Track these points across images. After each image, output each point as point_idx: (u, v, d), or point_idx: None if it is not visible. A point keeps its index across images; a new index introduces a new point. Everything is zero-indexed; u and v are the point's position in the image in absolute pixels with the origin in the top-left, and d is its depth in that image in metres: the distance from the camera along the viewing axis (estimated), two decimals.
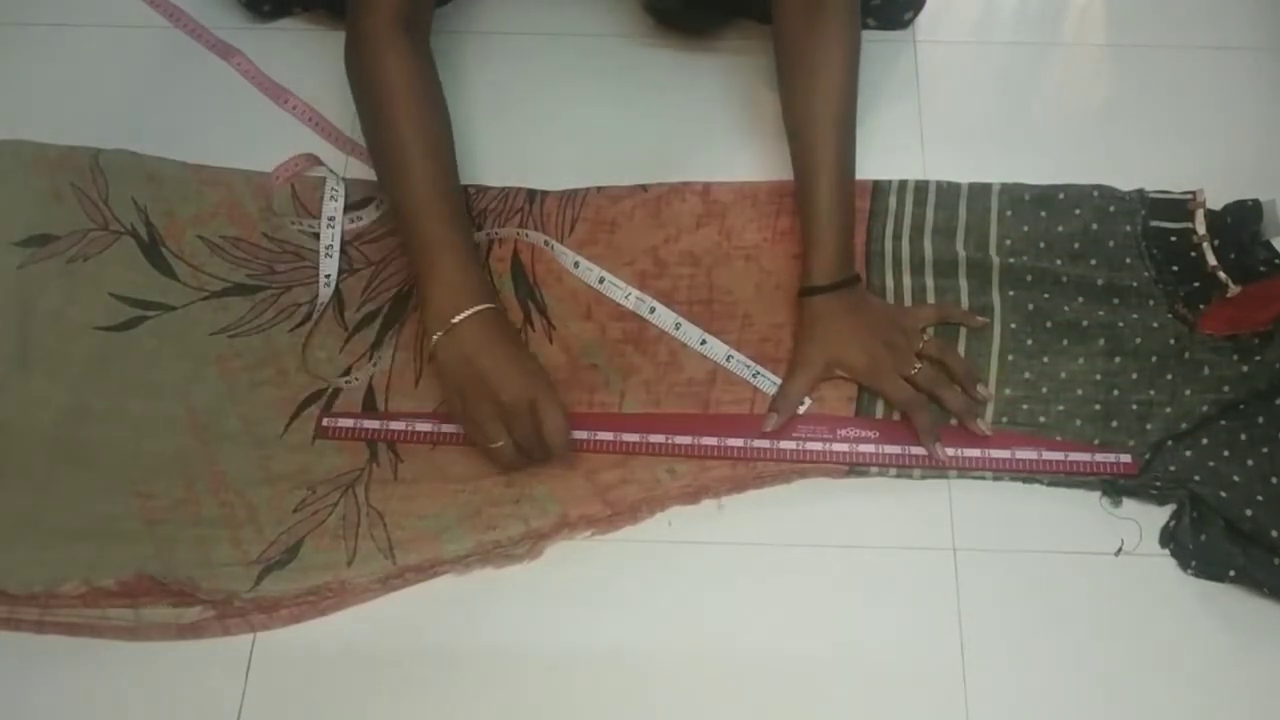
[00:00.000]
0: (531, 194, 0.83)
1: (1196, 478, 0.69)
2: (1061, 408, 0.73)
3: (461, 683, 0.66)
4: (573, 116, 0.87)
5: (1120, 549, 0.69)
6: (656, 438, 0.72)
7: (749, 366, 0.75)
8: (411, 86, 0.72)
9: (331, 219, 0.81)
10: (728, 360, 0.75)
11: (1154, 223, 0.80)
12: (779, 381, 0.74)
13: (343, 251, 0.81)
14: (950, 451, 0.71)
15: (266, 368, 0.76)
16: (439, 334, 0.67)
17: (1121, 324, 0.75)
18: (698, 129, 0.88)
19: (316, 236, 0.81)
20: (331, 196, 0.82)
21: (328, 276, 0.79)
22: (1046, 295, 0.77)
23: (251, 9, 0.93)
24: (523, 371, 0.67)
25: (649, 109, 0.89)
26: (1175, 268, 0.78)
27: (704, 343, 0.76)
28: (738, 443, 0.72)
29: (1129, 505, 0.70)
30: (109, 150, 0.85)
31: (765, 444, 0.72)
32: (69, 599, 0.67)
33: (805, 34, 0.75)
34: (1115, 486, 0.70)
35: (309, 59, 0.92)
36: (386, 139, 0.72)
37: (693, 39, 0.92)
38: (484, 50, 0.93)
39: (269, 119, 0.88)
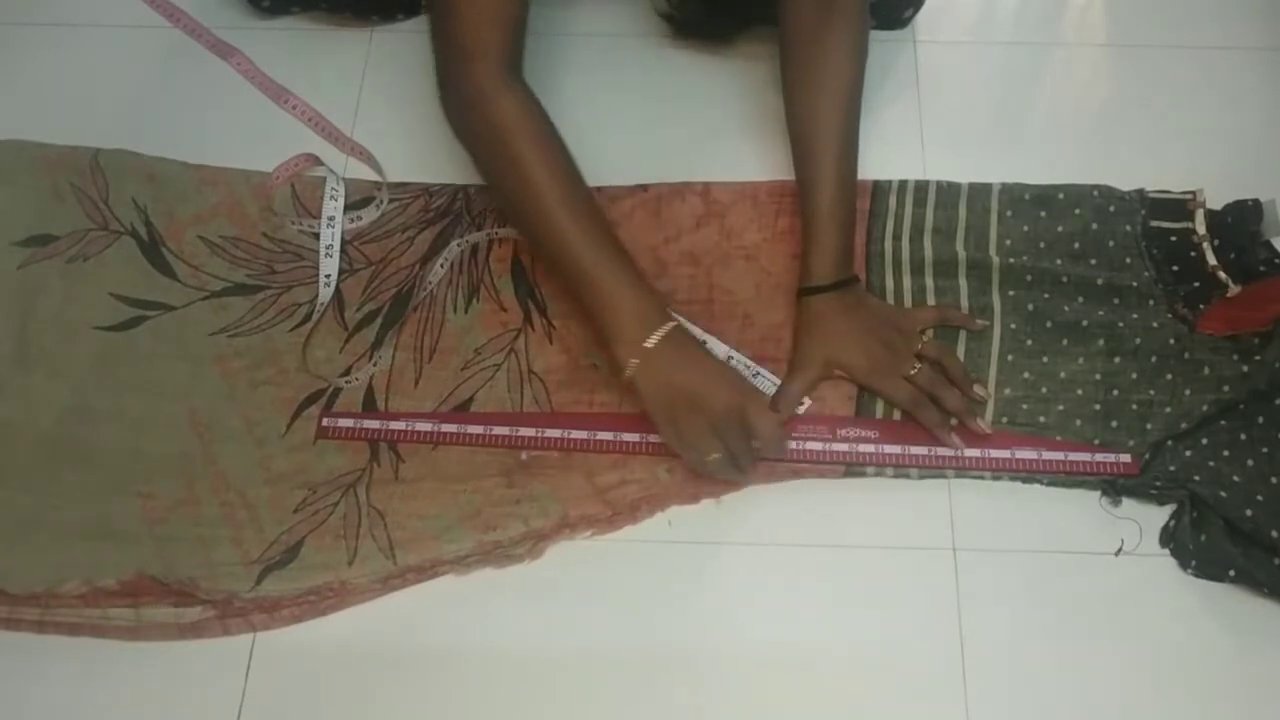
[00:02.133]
0: None
1: (1196, 478, 0.69)
2: (1061, 408, 0.73)
3: (461, 683, 0.66)
4: (573, 116, 0.87)
5: (1120, 549, 0.69)
6: (656, 438, 0.72)
7: (749, 366, 0.75)
8: (537, 130, 0.70)
9: (331, 219, 0.81)
10: (728, 360, 0.75)
11: (1154, 223, 0.80)
12: (779, 381, 0.74)
13: (343, 251, 0.81)
14: (950, 451, 0.71)
15: (267, 367, 0.76)
16: (635, 361, 0.66)
17: (1121, 324, 0.75)
18: (698, 129, 0.88)
19: (316, 236, 0.81)
20: (331, 196, 0.82)
21: (328, 276, 0.79)
22: (1046, 295, 0.77)
23: (251, 5, 0.93)
24: (723, 379, 0.67)
25: (649, 109, 0.89)
26: (1175, 268, 0.78)
27: (704, 343, 0.76)
28: None
29: (1129, 505, 0.70)
30: (109, 150, 0.85)
31: None
32: (70, 599, 0.67)
33: (814, 34, 0.75)
34: (1115, 486, 0.70)
35: (309, 59, 0.92)
36: (524, 190, 0.69)
37: (705, 45, 0.92)
38: None
39: (269, 119, 0.88)
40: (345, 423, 0.74)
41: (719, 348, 0.75)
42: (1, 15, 0.95)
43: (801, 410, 0.73)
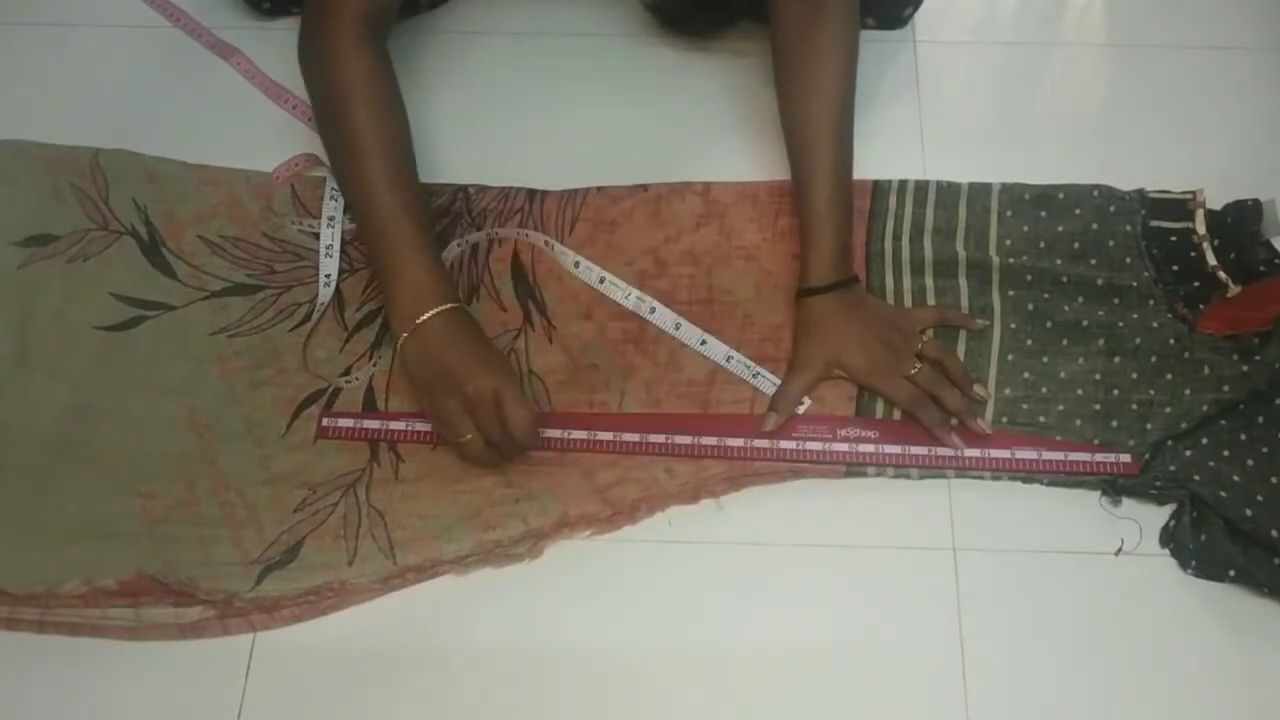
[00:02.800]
0: (531, 194, 0.83)
1: (1196, 477, 0.69)
2: (1061, 408, 0.73)
3: (462, 683, 0.66)
4: (573, 116, 0.87)
5: (1120, 549, 0.69)
6: (656, 438, 0.72)
7: (749, 367, 0.75)
8: (370, 87, 0.72)
9: (331, 219, 0.81)
10: (728, 360, 0.75)
11: (1154, 222, 0.80)
12: (779, 382, 0.74)
13: (343, 251, 0.81)
14: (950, 451, 0.71)
15: (267, 367, 0.76)
16: (405, 335, 0.68)
17: (1121, 324, 0.75)
18: (698, 129, 0.88)
19: (316, 236, 0.81)
20: (332, 196, 0.82)
21: (328, 276, 0.79)
22: (1046, 295, 0.77)
23: (251, 5, 0.93)
24: (483, 362, 0.67)
25: (649, 109, 0.89)
26: (1175, 268, 0.78)
27: (704, 343, 0.76)
28: (738, 443, 0.72)
29: (1129, 505, 0.70)
30: (109, 150, 0.85)
31: (765, 444, 0.72)
32: (70, 599, 0.67)
33: (803, 35, 0.75)
34: (1115, 486, 0.70)
35: None
36: (349, 147, 0.72)
37: (694, 39, 0.92)
38: (484, 50, 0.93)
39: (269, 119, 0.88)
40: (345, 423, 0.74)
41: (718, 348, 0.75)
42: (1, 15, 0.95)
43: (801, 410, 0.73)
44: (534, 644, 0.67)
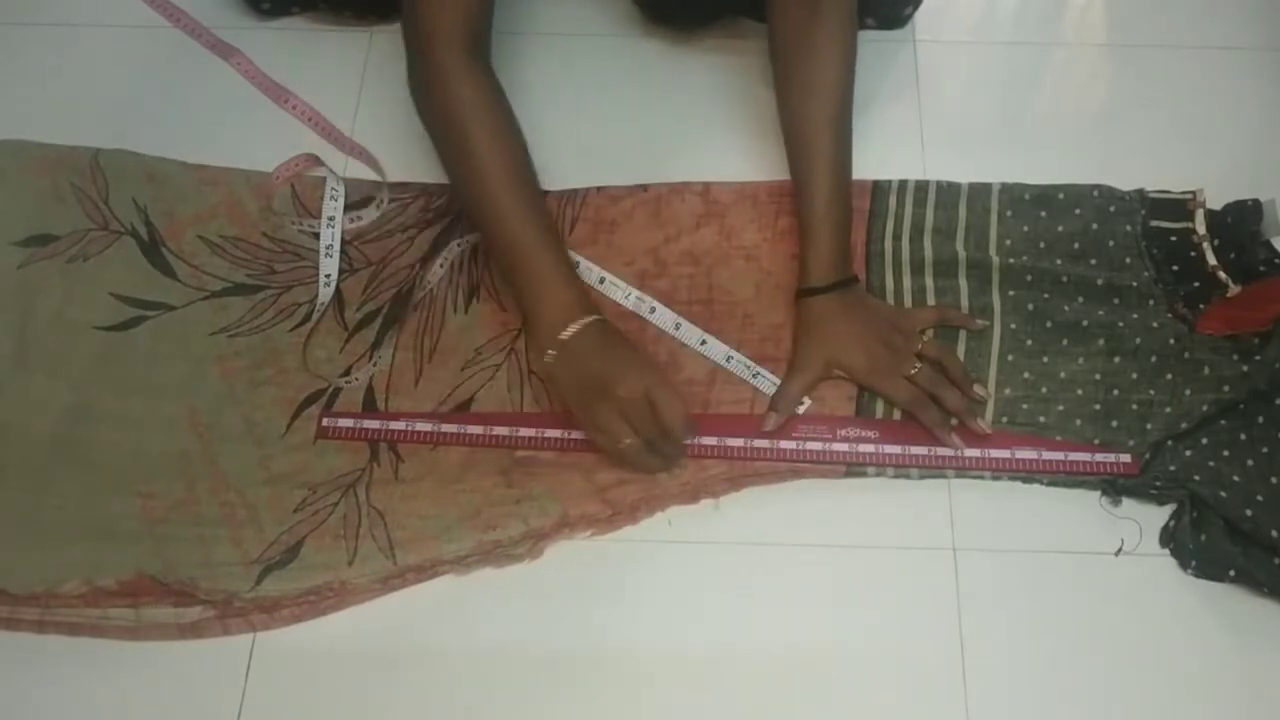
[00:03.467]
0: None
1: (1196, 477, 0.69)
2: (1061, 408, 0.73)
3: (462, 683, 0.66)
4: (572, 116, 0.87)
5: (1120, 549, 0.69)
6: None
7: (749, 367, 0.75)
8: (491, 113, 0.71)
9: (331, 219, 0.81)
10: (728, 361, 0.75)
11: (1154, 223, 0.80)
12: (779, 382, 0.74)
13: (343, 251, 0.81)
14: (951, 451, 0.71)
15: (267, 367, 0.76)
16: (553, 351, 0.68)
17: (1121, 324, 0.75)
18: (698, 129, 0.88)
19: (316, 236, 0.81)
20: (331, 196, 0.82)
21: (328, 276, 0.79)
22: (1046, 295, 0.77)
23: (251, 5, 0.93)
24: (633, 365, 0.67)
25: (649, 109, 0.89)
26: (1175, 268, 0.78)
27: (704, 343, 0.76)
28: (737, 442, 0.72)
29: (1129, 505, 0.70)
30: (109, 150, 0.85)
31: (765, 444, 0.72)
32: (70, 599, 0.67)
33: (801, 34, 0.75)
34: (1115, 486, 0.70)
35: (309, 59, 0.92)
36: (471, 171, 0.71)
37: (688, 36, 0.92)
38: None
39: (269, 119, 0.88)
40: (345, 423, 0.74)
41: (718, 348, 0.75)
42: (1, 15, 0.95)
43: (801, 411, 0.73)
44: (534, 644, 0.67)
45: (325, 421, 0.74)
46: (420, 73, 0.73)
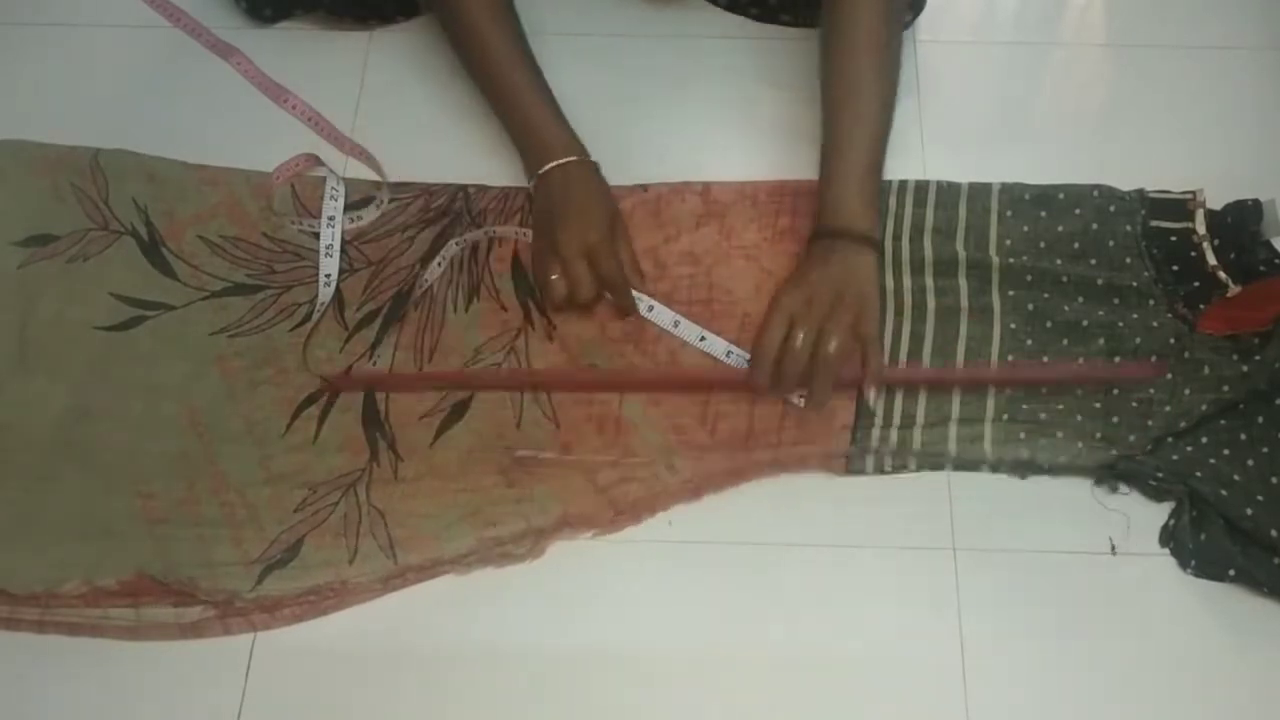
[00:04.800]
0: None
1: (1198, 474, 0.69)
2: (1061, 407, 0.73)
3: (462, 683, 0.66)
4: (572, 116, 0.87)
5: (1113, 547, 0.69)
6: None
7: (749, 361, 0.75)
8: (493, 7, 0.80)
9: (331, 219, 0.81)
10: (727, 356, 0.75)
11: (1154, 223, 0.80)
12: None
13: (343, 251, 0.81)
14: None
15: (267, 367, 0.76)
16: (533, 183, 0.77)
17: (1121, 324, 0.75)
18: (698, 129, 0.88)
19: (316, 236, 0.81)
20: (331, 196, 0.82)
21: (328, 276, 0.79)
22: (1046, 295, 0.77)
23: (253, 14, 0.93)
24: (593, 214, 0.75)
25: (649, 109, 0.89)
26: (1175, 268, 0.78)
27: (703, 339, 0.76)
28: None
29: (1127, 504, 0.70)
30: (109, 150, 0.85)
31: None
32: (70, 599, 0.67)
33: None
34: (1112, 472, 0.70)
35: (309, 59, 0.92)
36: (474, 48, 0.81)
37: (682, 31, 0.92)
38: None
39: (269, 119, 0.88)
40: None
41: (718, 344, 0.75)
42: (1, 15, 0.95)
43: (798, 403, 0.73)
44: (534, 644, 0.67)
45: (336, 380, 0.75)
46: None
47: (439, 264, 0.79)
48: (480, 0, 0.80)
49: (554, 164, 0.76)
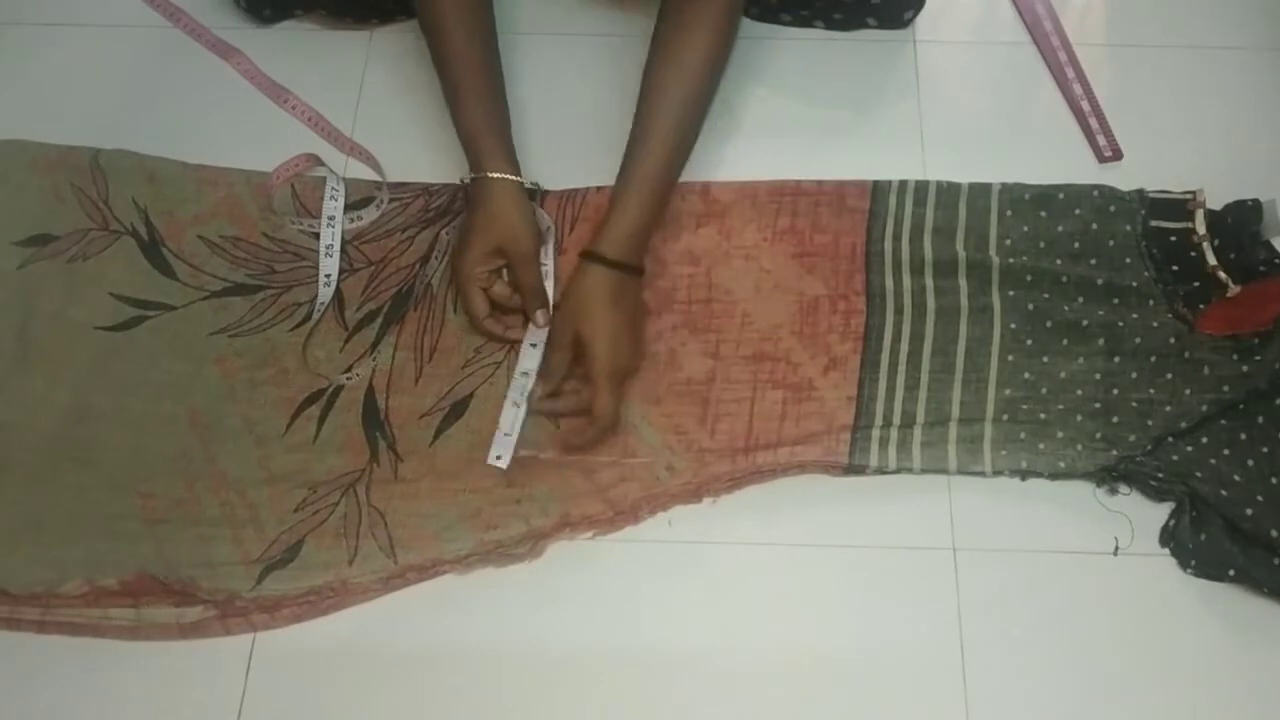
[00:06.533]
0: (532, 193, 0.83)
1: (1198, 474, 0.69)
2: (1061, 407, 0.73)
3: (462, 683, 0.66)
4: (573, 116, 0.87)
5: (1116, 548, 0.69)
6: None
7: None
8: (460, 7, 0.78)
9: (331, 219, 0.81)
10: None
11: (1154, 222, 0.80)
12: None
13: (343, 251, 0.81)
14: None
15: (267, 367, 0.76)
16: (468, 185, 0.77)
17: (1121, 324, 0.75)
18: None
19: (316, 236, 0.81)
20: (331, 196, 0.82)
21: (328, 276, 0.79)
22: (1046, 295, 0.77)
23: (252, 14, 0.93)
24: (465, 246, 0.74)
25: None
26: (1175, 268, 0.78)
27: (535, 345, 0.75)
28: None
29: (1127, 504, 0.70)
30: (109, 150, 0.85)
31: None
32: (70, 599, 0.67)
33: (680, 8, 0.76)
34: (1113, 474, 0.70)
35: (309, 59, 0.92)
36: (433, 39, 0.79)
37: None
38: None
39: (269, 119, 0.88)
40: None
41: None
42: (1, 15, 0.95)
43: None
44: (534, 644, 0.67)
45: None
46: None
47: (436, 258, 0.79)
48: (461, 16, 0.78)
49: (476, 176, 0.76)
